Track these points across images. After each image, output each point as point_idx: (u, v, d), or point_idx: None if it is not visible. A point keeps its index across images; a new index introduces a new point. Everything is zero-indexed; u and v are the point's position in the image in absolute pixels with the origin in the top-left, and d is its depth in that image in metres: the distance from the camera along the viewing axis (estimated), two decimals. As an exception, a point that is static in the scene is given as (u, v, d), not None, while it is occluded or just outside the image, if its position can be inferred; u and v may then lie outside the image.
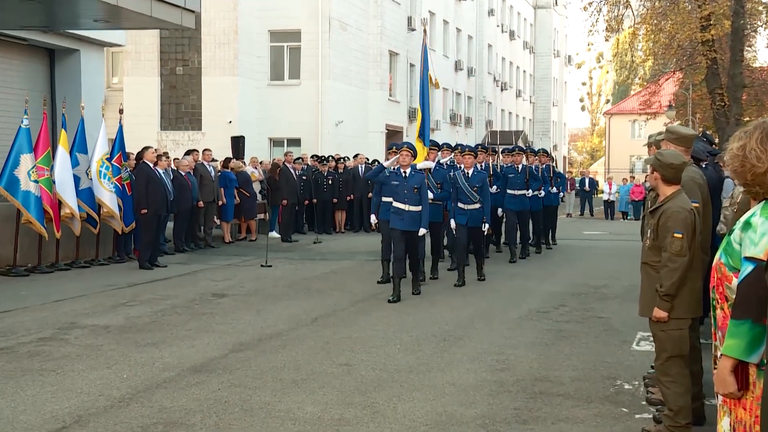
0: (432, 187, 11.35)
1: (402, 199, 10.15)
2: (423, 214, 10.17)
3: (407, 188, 10.10)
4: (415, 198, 10.10)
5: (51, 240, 12.37)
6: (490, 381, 6.38)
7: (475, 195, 11.38)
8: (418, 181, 10.15)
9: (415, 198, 10.10)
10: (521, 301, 10.33)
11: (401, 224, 10.14)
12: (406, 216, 10.11)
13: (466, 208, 11.43)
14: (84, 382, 6.18)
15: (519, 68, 56.25)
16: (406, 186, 10.11)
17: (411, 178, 10.18)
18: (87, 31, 15.74)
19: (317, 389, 6.07)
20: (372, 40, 31.06)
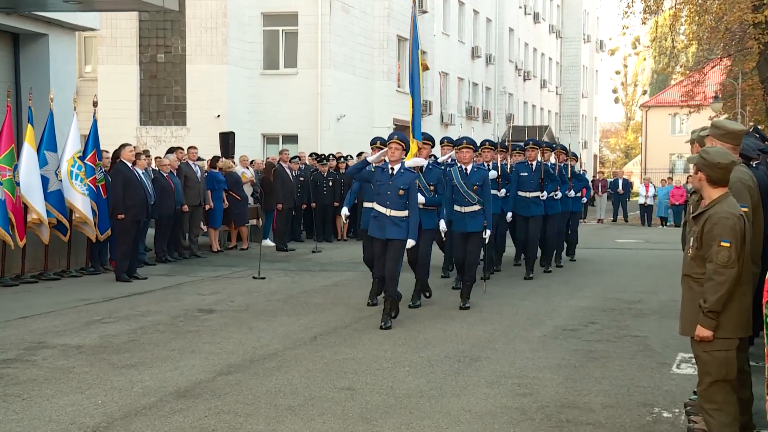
0: (423, 189, 10.50)
1: (384, 201, 9.54)
2: (410, 222, 9.50)
3: (392, 189, 9.48)
4: (400, 201, 9.47)
5: (16, 249, 12.42)
6: (511, 407, 6.39)
7: (473, 195, 10.77)
8: (406, 182, 9.50)
9: (400, 201, 9.47)
10: (546, 317, 10.34)
11: (379, 231, 9.55)
12: (387, 222, 9.48)
13: (463, 211, 10.86)
14: (53, 408, 6.20)
15: (544, 55, 56.30)
16: (391, 186, 9.49)
17: (399, 177, 9.52)
18: (56, 13, 15.82)
19: (316, 416, 6.08)
20: (378, 23, 31.15)
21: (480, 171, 10.94)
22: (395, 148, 9.54)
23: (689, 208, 5.79)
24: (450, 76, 39.76)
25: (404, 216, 9.49)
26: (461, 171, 10.92)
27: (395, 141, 9.59)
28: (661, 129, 61.18)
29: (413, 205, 9.54)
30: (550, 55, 57.86)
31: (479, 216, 10.76)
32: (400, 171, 9.56)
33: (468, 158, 10.87)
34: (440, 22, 38.26)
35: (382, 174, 9.61)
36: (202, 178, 16.84)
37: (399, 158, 9.56)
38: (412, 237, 9.49)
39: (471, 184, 10.80)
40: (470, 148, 10.99)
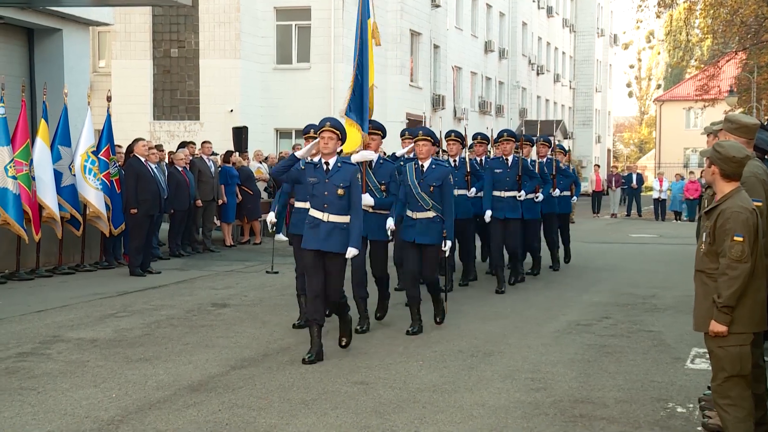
0: (373, 189, 8.91)
1: (320, 204, 7.68)
2: (352, 228, 7.65)
3: (329, 188, 7.64)
4: (340, 203, 7.64)
5: (31, 243, 12.49)
6: (525, 402, 6.39)
7: (426, 199, 8.95)
8: (346, 178, 7.66)
9: (340, 203, 7.64)
10: (559, 312, 10.33)
11: (314, 241, 7.64)
12: (323, 229, 7.63)
13: (415, 217, 9.01)
14: (68, 402, 6.24)
15: (557, 49, 56.13)
16: (327, 186, 7.65)
17: (336, 173, 7.67)
18: (70, 8, 15.89)
19: (329, 410, 6.10)
20: (391, 18, 31.13)
21: (439, 168, 9.05)
22: (328, 138, 7.63)
23: (703, 203, 5.77)
24: (463, 71, 39.69)
25: (344, 222, 7.69)
26: (417, 168, 9.05)
27: (327, 129, 7.65)
28: (675, 123, 60.93)
29: (356, 207, 7.72)
30: (563, 50, 57.68)
31: (435, 225, 8.94)
32: (336, 166, 7.69)
33: (426, 153, 9.01)
34: (453, 16, 38.19)
35: (315, 171, 7.73)
36: (216, 173, 16.88)
37: (334, 150, 7.73)
38: (354, 245, 7.62)
39: (427, 184, 8.94)
40: (427, 140, 9.05)
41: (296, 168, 7.81)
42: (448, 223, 8.96)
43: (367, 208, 8.68)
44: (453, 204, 9.09)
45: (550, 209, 13.71)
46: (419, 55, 33.41)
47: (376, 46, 10.03)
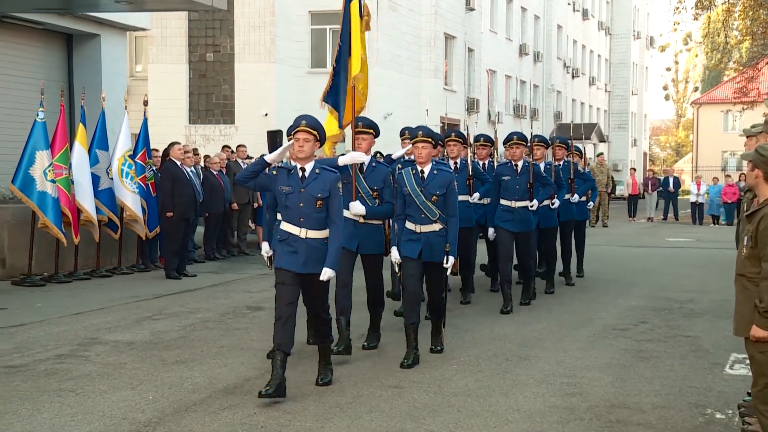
0: (364, 195, 7.90)
1: (294, 217, 6.62)
2: (330, 245, 6.63)
3: (305, 199, 6.57)
4: (317, 216, 6.60)
5: (69, 246, 12.63)
6: (560, 407, 6.35)
7: (432, 209, 7.76)
8: (325, 187, 6.59)
9: (317, 216, 6.60)
10: (594, 316, 10.26)
11: (292, 262, 6.60)
12: (301, 248, 6.59)
13: (419, 231, 7.80)
14: (106, 404, 6.30)
15: (593, 52, 55.81)
16: (303, 196, 6.57)
17: (313, 181, 6.61)
18: (108, 13, 16.05)
19: (364, 414, 6.11)
20: (425, 21, 31.12)
21: (442, 174, 7.81)
22: (303, 140, 6.57)
23: (743, 207, 5.71)
24: (497, 74, 39.58)
25: (323, 238, 6.66)
26: (416, 174, 7.83)
27: (302, 129, 6.60)
28: (712, 126, 60.30)
29: (336, 220, 6.65)
30: (599, 52, 57.34)
31: (442, 239, 7.78)
32: (314, 173, 6.64)
33: (425, 157, 7.82)
34: (488, 19, 38.11)
35: (288, 178, 6.64)
36: (251, 177, 16.92)
37: (311, 154, 6.69)
38: (330, 265, 6.58)
39: (430, 192, 7.76)
40: (427, 142, 7.83)
41: (267, 174, 6.65)
42: (451, 236, 7.78)
43: (357, 218, 7.85)
44: (457, 213, 7.91)
45: (568, 216, 12.66)
46: (454, 58, 33.37)
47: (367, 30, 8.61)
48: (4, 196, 13.67)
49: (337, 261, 6.68)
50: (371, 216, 7.93)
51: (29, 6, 14.61)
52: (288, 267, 6.62)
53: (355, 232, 7.90)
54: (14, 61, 15.54)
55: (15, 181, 12.20)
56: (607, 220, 27.74)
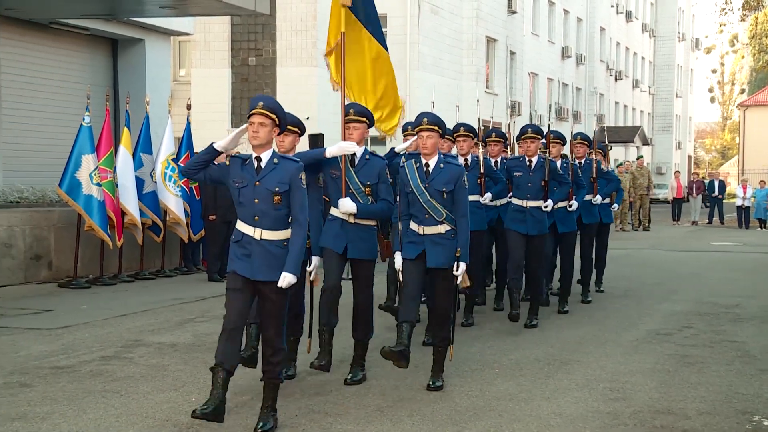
0: (355, 192, 6.99)
1: (248, 215, 5.72)
2: (291, 246, 5.69)
3: (261, 194, 5.68)
4: (275, 214, 5.69)
5: (114, 249, 12.79)
6: (603, 412, 6.30)
7: (438, 209, 6.86)
8: (283, 179, 5.68)
9: (275, 214, 5.69)
10: (638, 321, 10.16)
11: (244, 266, 5.71)
12: (256, 251, 5.68)
13: (423, 233, 6.92)
14: (150, 405, 6.36)
15: (636, 54, 55.33)
16: (258, 190, 5.69)
17: (271, 172, 5.71)
18: (153, 18, 16.26)
19: (405, 417, 6.10)
20: (467, 24, 31.09)
21: (450, 168, 6.90)
22: (259, 124, 5.66)
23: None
24: (539, 77, 39.39)
25: (281, 239, 5.72)
26: (420, 168, 6.93)
27: (258, 111, 5.68)
28: (760, 129, 59.36)
29: (299, 218, 5.70)
30: (642, 54, 56.83)
31: (451, 242, 6.88)
32: (272, 163, 5.72)
33: (431, 148, 6.87)
34: (530, 22, 37.95)
35: (242, 170, 5.75)
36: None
37: (268, 140, 5.73)
38: (291, 269, 5.62)
39: (435, 189, 6.84)
40: (432, 131, 6.85)
41: (218, 166, 5.83)
42: (462, 240, 6.85)
43: (347, 217, 6.97)
44: (468, 214, 6.98)
45: (591, 219, 11.36)
46: (495, 61, 33.28)
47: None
48: (51, 200, 13.90)
49: (297, 265, 5.67)
50: (363, 215, 6.98)
51: (76, 12, 14.86)
52: (241, 272, 5.69)
53: (342, 232, 6.97)
54: (62, 67, 15.80)
55: (62, 184, 12.39)
56: (649, 224, 27.46)
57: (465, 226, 6.89)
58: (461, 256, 6.86)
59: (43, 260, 12.65)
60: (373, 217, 7.10)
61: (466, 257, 6.91)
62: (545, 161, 9.50)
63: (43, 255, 12.65)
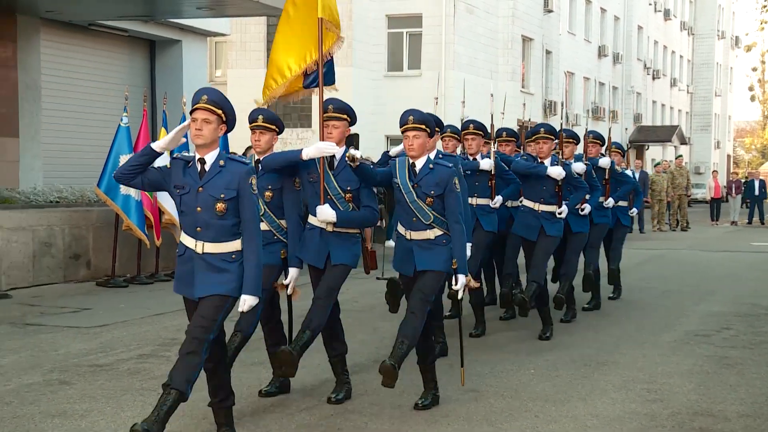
0: (334, 198, 6.31)
1: (190, 225, 5.14)
2: (246, 264, 5.09)
3: (203, 201, 5.07)
4: (220, 224, 5.06)
5: (151, 248, 12.90)
6: (640, 413, 6.24)
7: (426, 212, 6.21)
8: (230, 185, 5.06)
9: (220, 224, 5.06)
10: (675, 322, 10.06)
11: (185, 284, 5.22)
12: (197, 265, 5.12)
13: (410, 237, 6.35)
14: (186, 403, 6.38)
15: (674, 53, 54.80)
16: (200, 197, 5.08)
17: (215, 177, 5.09)
18: (190, 19, 16.39)
19: (441, 418, 6.09)
20: (502, 24, 30.97)
21: (439, 169, 6.22)
22: (203, 121, 5.08)
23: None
24: (576, 76, 39.15)
25: (237, 251, 5.11)
26: (409, 168, 6.32)
27: (202, 106, 5.10)
28: (800, 128, 58.57)
29: (251, 230, 5.08)
30: (681, 53, 56.27)
31: (439, 249, 6.21)
32: (217, 165, 5.10)
33: (418, 148, 6.21)
34: (566, 21, 37.74)
35: (184, 174, 5.16)
36: (328, 180, 17.04)
37: (213, 139, 5.11)
38: (250, 291, 5.10)
39: (422, 192, 6.22)
40: (422, 131, 6.19)
41: (157, 169, 5.25)
42: (458, 250, 6.13)
43: (326, 226, 6.31)
44: (462, 220, 6.23)
45: (603, 220, 10.52)
46: (531, 60, 33.12)
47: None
48: (90, 200, 14.06)
49: (258, 284, 5.11)
50: (344, 223, 6.30)
51: (115, 14, 15.02)
52: (182, 292, 5.19)
53: (321, 243, 6.33)
54: (100, 68, 15.99)
55: (100, 184, 12.52)
56: (687, 224, 27.18)
57: (460, 233, 6.13)
58: (459, 267, 6.12)
59: (81, 259, 12.80)
60: (355, 226, 6.43)
61: (465, 269, 6.20)
62: (559, 163, 8.78)
63: (81, 254, 12.80)
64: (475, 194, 8.67)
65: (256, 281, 5.12)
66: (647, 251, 18.92)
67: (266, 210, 6.33)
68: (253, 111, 6.45)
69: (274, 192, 6.36)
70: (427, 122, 6.25)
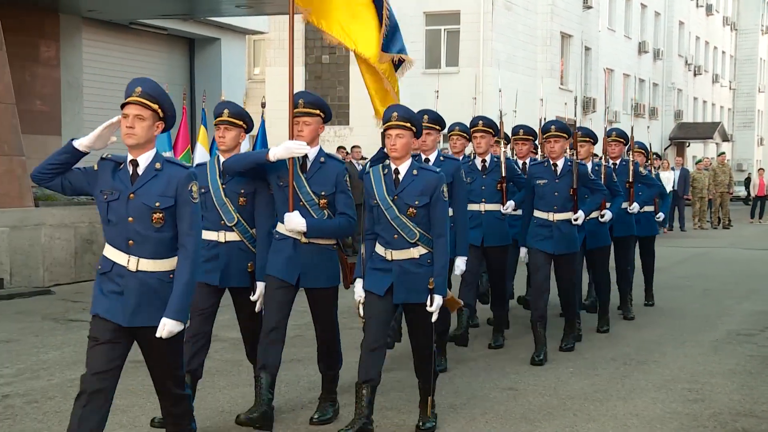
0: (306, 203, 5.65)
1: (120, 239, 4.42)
2: (176, 283, 4.38)
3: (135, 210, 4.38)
4: (155, 236, 4.37)
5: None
6: (681, 413, 6.19)
7: (410, 227, 5.50)
8: (167, 191, 4.38)
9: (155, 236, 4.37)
10: (717, 321, 9.95)
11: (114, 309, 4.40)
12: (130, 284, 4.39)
13: (392, 258, 5.58)
14: (225, 399, 6.46)
15: (717, 49, 54.15)
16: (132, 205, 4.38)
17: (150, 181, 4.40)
18: (228, 18, 16.50)
19: (478, 416, 6.08)
20: (541, 20, 30.80)
21: (425, 174, 5.55)
22: (135, 118, 4.35)
23: None
24: (615, 73, 38.84)
25: (173, 271, 4.40)
26: (388, 175, 5.61)
27: (135, 100, 4.38)
28: None
29: (186, 244, 4.38)
30: (723, 49, 55.59)
31: (425, 269, 5.52)
32: (152, 168, 4.39)
33: (402, 149, 5.50)
34: (606, 17, 37.45)
35: (113, 178, 4.43)
36: (365, 177, 17.08)
37: (147, 138, 4.38)
38: (173, 315, 4.31)
39: (405, 203, 5.51)
40: (406, 129, 5.47)
41: (86, 170, 4.52)
42: (439, 265, 5.49)
43: (297, 236, 5.59)
44: (447, 233, 5.60)
45: (626, 231, 9.73)
46: (570, 57, 32.91)
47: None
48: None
49: (185, 307, 4.35)
50: (316, 233, 5.63)
51: (155, 12, 15.17)
52: (107, 315, 4.33)
53: (294, 256, 5.62)
54: (141, 66, 16.14)
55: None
56: (729, 222, 26.83)
57: (443, 248, 5.51)
58: (435, 287, 5.45)
59: (122, 256, 12.93)
60: (329, 236, 5.73)
61: (443, 288, 5.51)
62: (573, 164, 7.81)
63: (122, 251, 12.92)
64: (482, 199, 7.92)
65: (183, 303, 4.33)
66: (688, 249, 18.72)
67: (239, 219, 5.68)
68: (218, 104, 5.82)
69: (248, 197, 5.70)
70: (414, 120, 5.55)
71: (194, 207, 4.40)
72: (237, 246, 5.71)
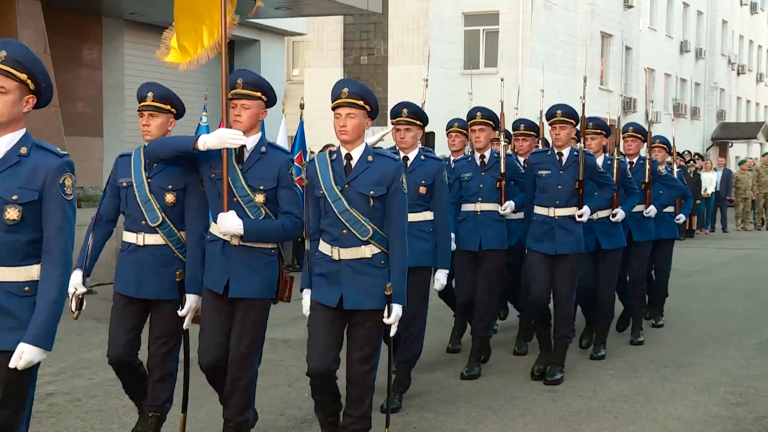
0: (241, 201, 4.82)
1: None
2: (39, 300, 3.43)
3: None
4: (8, 240, 3.42)
5: (230, 245, 13.07)
6: (724, 417, 6.11)
7: (362, 222, 4.73)
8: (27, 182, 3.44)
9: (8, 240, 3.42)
10: (761, 323, 9.82)
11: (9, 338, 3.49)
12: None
13: (339, 257, 4.78)
14: (264, 399, 6.48)
15: (761, 48, 53.41)
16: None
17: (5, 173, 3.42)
18: (268, 19, 16.59)
19: (517, 417, 6.06)
20: (581, 20, 30.59)
21: (382, 161, 4.81)
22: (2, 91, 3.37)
23: None
24: (656, 72, 38.47)
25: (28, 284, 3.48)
26: (336, 161, 4.86)
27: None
28: None
29: (51, 252, 3.48)
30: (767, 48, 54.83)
31: (378, 270, 4.76)
32: (15, 155, 3.45)
33: (352, 131, 4.75)
34: (647, 16, 37.12)
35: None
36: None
37: (12, 117, 3.41)
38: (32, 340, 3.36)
39: (357, 192, 4.75)
40: (357, 107, 4.71)
41: None
42: (396, 273, 4.73)
43: (231, 239, 4.79)
44: (406, 234, 4.79)
45: (644, 236, 8.61)
46: (610, 57, 32.65)
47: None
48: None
49: (51, 332, 3.40)
50: (255, 236, 4.80)
51: (194, 15, 15.28)
52: None
53: (223, 260, 4.82)
54: (180, 68, 16.27)
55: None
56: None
57: (400, 250, 4.72)
58: (393, 294, 4.68)
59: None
60: (271, 239, 4.89)
61: (403, 297, 4.73)
62: (580, 153, 6.90)
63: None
64: (479, 198, 7.16)
65: (48, 327, 3.39)
66: (731, 251, 18.48)
67: (165, 219, 4.93)
68: (141, 87, 5.06)
69: (177, 194, 4.94)
70: (367, 98, 4.74)
71: (65, 206, 3.46)
72: (159, 251, 4.95)
